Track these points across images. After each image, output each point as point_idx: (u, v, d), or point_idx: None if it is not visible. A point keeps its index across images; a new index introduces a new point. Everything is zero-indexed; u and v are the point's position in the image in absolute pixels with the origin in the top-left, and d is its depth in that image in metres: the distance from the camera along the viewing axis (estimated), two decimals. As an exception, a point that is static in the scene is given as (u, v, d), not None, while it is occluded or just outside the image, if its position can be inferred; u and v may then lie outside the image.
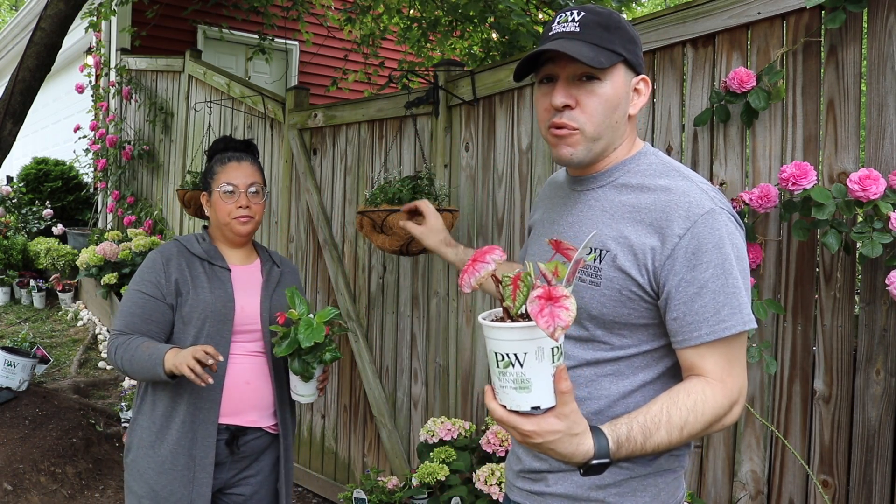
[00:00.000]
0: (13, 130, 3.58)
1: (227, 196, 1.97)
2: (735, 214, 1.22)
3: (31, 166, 7.53)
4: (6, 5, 19.27)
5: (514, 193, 2.81)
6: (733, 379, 1.18)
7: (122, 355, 1.84)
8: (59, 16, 3.57)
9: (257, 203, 2.01)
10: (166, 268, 1.93)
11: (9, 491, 3.22)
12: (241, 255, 2.06)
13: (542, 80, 1.27)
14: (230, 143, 2.09)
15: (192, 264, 1.96)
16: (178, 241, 2.01)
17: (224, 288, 1.95)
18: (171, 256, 1.95)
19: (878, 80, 1.86)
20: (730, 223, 1.18)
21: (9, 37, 9.38)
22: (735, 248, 1.17)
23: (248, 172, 2.01)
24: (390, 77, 4.38)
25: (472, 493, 2.46)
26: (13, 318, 5.74)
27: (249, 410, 1.96)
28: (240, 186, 1.98)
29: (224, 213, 1.98)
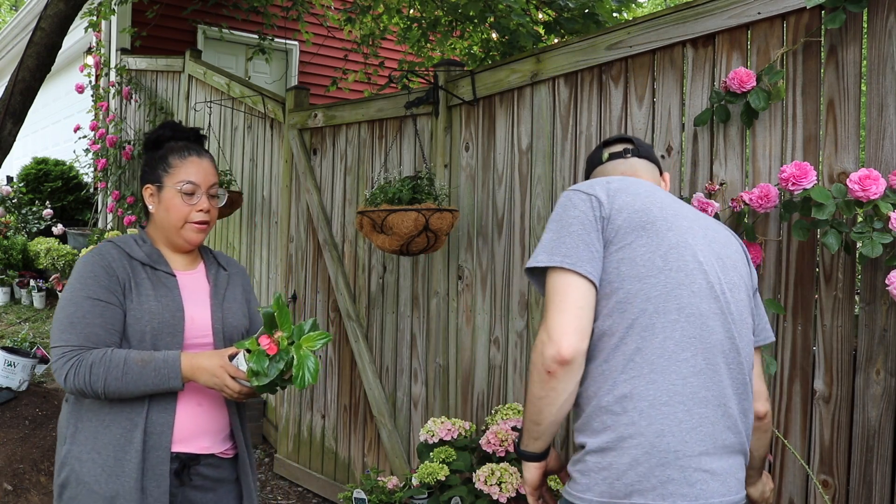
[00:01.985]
0: (13, 130, 3.58)
1: (186, 196, 1.71)
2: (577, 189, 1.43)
3: (31, 166, 7.53)
4: (6, 5, 19.27)
5: (514, 193, 2.81)
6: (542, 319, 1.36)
7: (105, 374, 1.55)
8: (59, 16, 3.57)
9: (215, 207, 1.78)
10: (110, 270, 1.64)
11: (9, 491, 3.22)
12: (186, 260, 1.80)
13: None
14: (179, 130, 1.80)
15: (134, 269, 1.68)
16: (114, 242, 1.72)
17: (171, 296, 1.68)
18: (111, 259, 1.67)
19: (878, 80, 1.86)
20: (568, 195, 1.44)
21: (9, 37, 9.37)
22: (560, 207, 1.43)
23: (211, 171, 1.76)
24: (390, 77, 4.38)
25: (472, 493, 2.46)
26: (13, 318, 5.73)
27: (201, 436, 1.70)
28: (202, 186, 1.73)
29: (179, 215, 1.71)
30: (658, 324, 1.31)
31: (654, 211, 1.38)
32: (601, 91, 2.51)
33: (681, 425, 1.28)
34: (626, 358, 1.31)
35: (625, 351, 1.31)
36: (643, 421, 1.28)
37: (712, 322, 1.34)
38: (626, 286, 1.33)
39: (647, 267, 1.33)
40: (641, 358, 1.30)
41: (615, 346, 1.32)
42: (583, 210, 1.38)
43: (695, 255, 1.37)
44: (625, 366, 1.31)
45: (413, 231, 2.55)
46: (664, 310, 1.31)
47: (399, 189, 2.64)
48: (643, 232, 1.36)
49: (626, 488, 1.26)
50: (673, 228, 1.37)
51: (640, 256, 1.34)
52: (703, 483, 1.28)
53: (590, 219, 1.37)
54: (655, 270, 1.33)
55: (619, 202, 1.38)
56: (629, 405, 1.29)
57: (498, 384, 2.85)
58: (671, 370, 1.30)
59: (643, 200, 1.39)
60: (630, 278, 1.33)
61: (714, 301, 1.35)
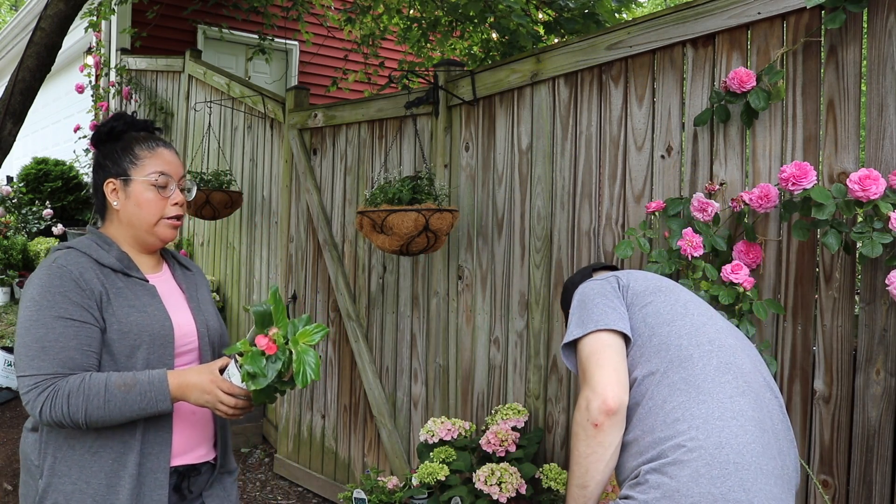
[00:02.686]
0: (13, 130, 3.58)
1: (160, 190, 1.57)
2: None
3: (31, 166, 7.53)
4: (6, 5, 19.27)
5: (514, 193, 2.81)
6: (581, 386, 1.45)
7: (86, 403, 1.39)
8: (59, 16, 3.57)
9: (188, 200, 1.66)
10: (81, 283, 1.46)
11: (9, 491, 3.21)
12: (151, 262, 1.65)
13: None
14: (135, 122, 1.64)
15: (107, 278, 1.51)
16: (77, 249, 1.52)
17: (155, 305, 1.53)
18: (82, 270, 1.48)
19: (878, 80, 1.86)
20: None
21: (9, 37, 9.37)
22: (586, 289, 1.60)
23: (179, 163, 1.63)
24: (390, 77, 4.38)
25: (472, 493, 2.46)
26: (13, 318, 5.73)
27: (198, 445, 1.60)
28: (175, 178, 1.60)
29: (153, 210, 1.56)
30: (696, 354, 1.40)
31: (664, 281, 1.59)
32: (601, 91, 2.51)
33: (737, 439, 1.30)
34: (671, 388, 1.36)
35: (669, 384, 1.37)
36: (701, 434, 1.29)
37: (740, 355, 1.44)
38: (657, 332, 1.45)
39: (671, 314, 1.48)
40: (687, 385, 1.35)
41: (658, 382, 1.38)
42: (600, 289, 1.55)
43: (708, 308, 1.55)
44: (671, 394, 1.35)
45: (413, 231, 2.55)
46: (697, 343, 1.42)
47: (399, 189, 2.64)
48: (659, 293, 1.53)
49: (688, 500, 1.25)
50: (683, 291, 1.57)
51: (663, 308, 1.49)
52: (761, 499, 1.27)
53: (608, 291, 1.54)
54: (679, 315, 1.48)
55: (633, 277, 1.59)
56: (682, 426, 1.31)
57: (498, 384, 2.85)
58: (718, 391, 1.34)
59: (651, 276, 1.62)
60: (659, 325, 1.46)
61: (735, 338, 1.49)
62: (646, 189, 2.36)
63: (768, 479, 1.29)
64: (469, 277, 2.99)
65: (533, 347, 2.71)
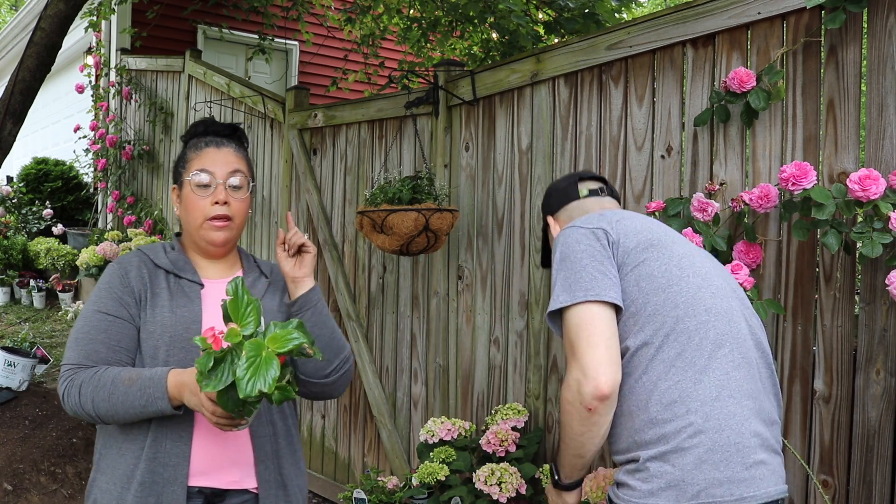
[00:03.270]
0: (13, 130, 3.58)
1: (200, 189, 1.50)
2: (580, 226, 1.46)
3: (31, 166, 7.53)
4: (6, 5, 19.27)
5: (514, 193, 2.81)
6: (568, 358, 1.37)
7: (93, 394, 1.37)
8: (59, 16, 3.57)
9: (239, 200, 1.53)
10: (125, 280, 1.48)
11: (9, 491, 3.22)
12: (221, 269, 1.59)
13: None
14: (212, 126, 1.60)
15: (154, 277, 1.50)
16: (141, 250, 1.57)
17: (189, 307, 1.48)
18: (130, 267, 1.50)
19: (878, 80, 1.86)
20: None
21: (9, 37, 9.37)
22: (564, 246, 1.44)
23: (230, 159, 1.54)
24: (390, 77, 4.38)
25: (472, 493, 2.46)
26: (13, 318, 5.73)
27: (228, 468, 1.45)
28: (217, 175, 1.50)
29: (196, 212, 1.51)
30: (692, 326, 1.34)
31: (655, 230, 1.46)
32: (601, 91, 2.51)
33: (735, 418, 1.30)
34: (666, 365, 1.32)
35: (664, 358, 1.32)
36: (699, 419, 1.28)
37: (736, 318, 1.40)
38: (651, 300, 1.36)
39: (666, 277, 1.38)
40: (682, 361, 1.32)
41: (652, 357, 1.33)
42: (588, 243, 1.41)
43: (703, 262, 1.45)
44: (666, 372, 1.32)
45: (413, 231, 2.55)
46: (693, 312, 1.35)
47: (399, 189, 2.64)
48: (653, 249, 1.41)
49: (694, 488, 1.26)
50: (676, 242, 1.46)
51: (657, 270, 1.39)
52: (762, 476, 1.30)
53: (598, 249, 1.40)
54: (675, 279, 1.38)
55: (623, 228, 1.44)
56: (679, 409, 1.29)
57: (498, 384, 2.85)
58: (714, 367, 1.32)
59: (641, 223, 1.47)
60: (653, 291, 1.37)
61: (734, 299, 1.43)
62: (646, 189, 2.36)
63: (763, 451, 1.32)
64: (469, 277, 2.99)
65: (533, 347, 2.71)
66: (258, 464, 1.47)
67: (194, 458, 1.42)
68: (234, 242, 1.58)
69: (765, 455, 1.32)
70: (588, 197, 1.65)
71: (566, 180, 1.70)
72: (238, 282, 1.24)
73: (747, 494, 1.27)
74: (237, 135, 1.62)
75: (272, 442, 1.49)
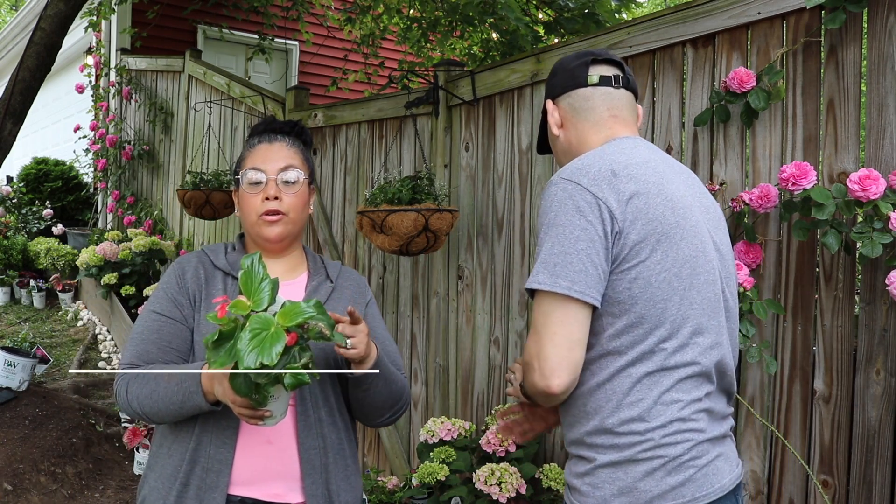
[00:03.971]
0: (13, 130, 3.58)
1: (252, 186, 1.47)
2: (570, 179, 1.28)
3: (31, 166, 7.53)
4: (6, 5, 19.27)
5: (514, 193, 2.81)
6: (530, 335, 1.27)
7: (138, 391, 1.36)
8: (59, 16, 3.57)
9: (292, 194, 1.47)
10: (181, 281, 1.46)
11: (9, 491, 3.22)
12: (283, 269, 1.53)
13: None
14: (272, 124, 1.56)
15: (211, 278, 1.47)
16: (204, 250, 1.54)
17: None
18: (187, 268, 1.48)
19: (878, 80, 1.86)
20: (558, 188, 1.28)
21: (9, 37, 9.37)
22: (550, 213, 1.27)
23: (283, 154, 1.49)
24: (390, 77, 4.38)
25: (472, 493, 2.46)
26: (13, 318, 5.73)
27: (272, 480, 1.40)
28: (268, 172, 1.46)
29: (249, 209, 1.47)
30: (670, 348, 1.26)
31: (668, 216, 1.27)
32: (601, 91, 2.51)
33: (694, 433, 1.25)
34: (633, 380, 1.26)
35: (632, 373, 1.25)
36: (657, 436, 1.24)
37: (720, 338, 1.33)
38: (638, 309, 1.24)
39: (662, 289, 1.24)
40: (651, 381, 1.25)
41: (621, 369, 1.26)
42: (591, 220, 1.23)
43: (709, 262, 1.32)
44: (630, 389, 1.26)
45: (413, 231, 2.55)
46: (677, 335, 1.26)
47: (399, 189, 2.64)
48: (658, 247, 1.25)
49: (646, 496, 1.23)
50: (686, 237, 1.28)
51: (655, 277, 1.24)
52: (717, 471, 1.26)
53: (599, 234, 1.23)
54: (672, 292, 1.25)
55: (633, 211, 1.24)
56: (637, 426, 1.25)
57: (498, 384, 2.85)
58: (682, 388, 1.26)
59: (656, 201, 1.26)
60: (643, 301, 1.24)
61: (724, 313, 1.35)
62: (646, 189, 2.36)
63: (717, 449, 1.29)
64: (469, 277, 2.99)
65: (533, 347, 2.71)
66: (305, 477, 1.41)
67: (237, 466, 1.37)
68: (292, 238, 1.52)
69: (720, 449, 1.29)
70: (598, 86, 1.39)
71: (577, 59, 1.43)
72: (255, 257, 1.18)
73: (701, 493, 1.24)
74: (295, 130, 1.56)
75: (321, 455, 1.43)
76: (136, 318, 4.89)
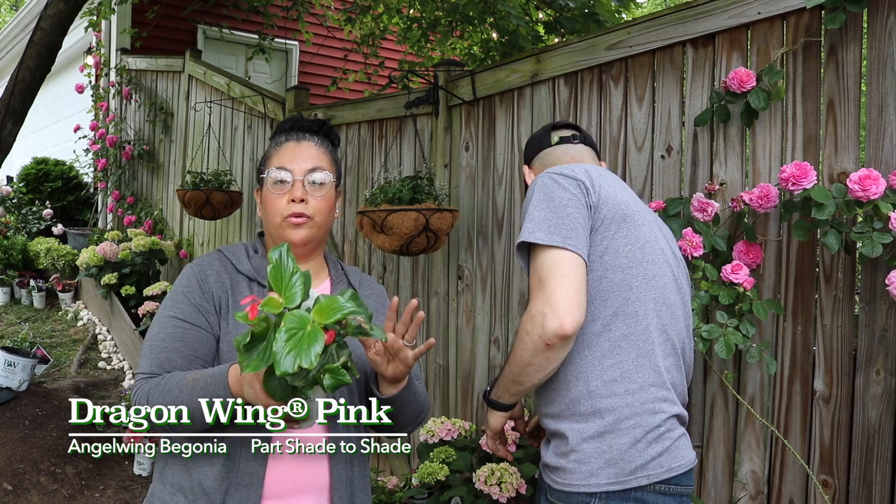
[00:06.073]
0: (13, 130, 3.58)
1: (277, 186, 1.39)
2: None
3: (31, 166, 7.53)
4: (6, 5, 19.27)
5: (514, 193, 2.81)
6: (534, 292, 1.38)
7: (160, 401, 1.25)
8: (59, 16, 3.57)
9: (319, 198, 1.39)
10: (204, 286, 1.37)
11: (9, 491, 3.22)
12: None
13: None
14: (298, 122, 1.48)
15: (236, 284, 1.39)
16: (222, 251, 1.45)
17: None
18: (209, 272, 1.39)
19: (878, 80, 1.86)
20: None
21: (9, 37, 9.37)
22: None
23: (311, 154, 1.42)
24: (390, 77, 4.39)
25: (473, 493, 2.46)
26: (13, 318, 5.73)
27: (301, 494, 1.34)
28: (295, 172, 1.39)
29: (273, 210, 1.39)
30: (640, 311, 1.40)
31: (631, 204, 1.47)
32: (601, 91, 2.51)
33: (665, 403, 1.40)
34: (612, 343, 1.39)
35: (610, 337, 1.39)
36: (637, 402, 1.37)
37: (677, 311, 1.49)
38: (609, 275, 1.40)
39: (628, 258, 1.41)
40: (628, 343, 1.39)
41: (599, 333, 1.39)
42: (575, 193, 1.41)
43: (662, 250, 1.49)
44: (611, 350, 1.39)
45: (413, 231, 2.55)
46: (644, 299, 1.41)
47: (399, 189, 2.64)
48: (623, 224, 1.43)
49: (631, 465, 1.35)
50: (645, 223, 1.48)
51: (623, 248, 1.41)
52: (686, 447, 1.43)
53: (583, 203, 1.41)
54: (636, 262, 1.42)
55: (604, 192, 1.43)
56: (619, 388, 1.37)
57: (498, 384, 2.85)
58: (654, 353, 1.41)
59: (619, 192, 1.47)
60: (613, 268, 1.40)
61: (678, 293, 1.51)
62: (646, 189, 2.36)
63: (682, 427, 1.45)
64: (469, 277, 2.99)
65: (533, 347, 2.71)
66: (333, 492, 1.35)
67: (269, 479, 1.30)
68: (317, 243, 1.45)
69: (683, 429, 1.45)
70: (559, 144, 1.66)
71: (541, 129, 1.73)
72: (284, 248, 1.07)
73: (675, 464, 1.38)
74: (324, 130, 1.49)
75: (348, 469, 1.38)
76: (136, 319, 4.91)
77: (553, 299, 1.32)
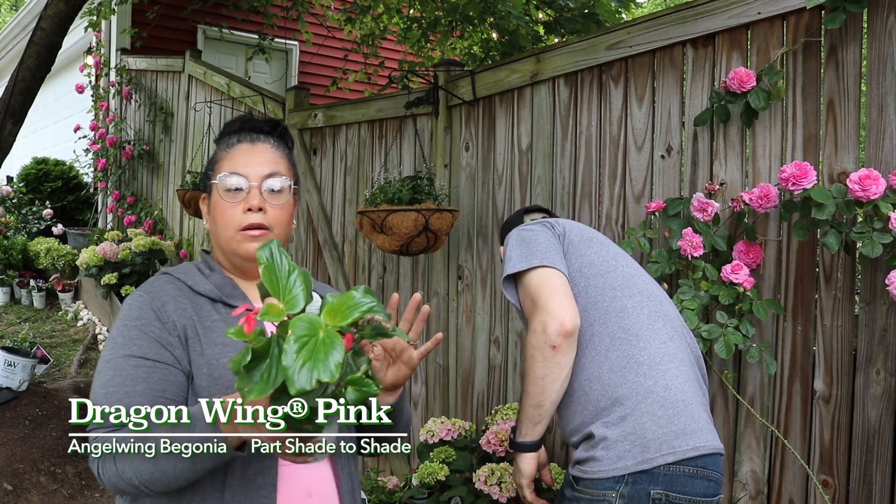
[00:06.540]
0: (13, 130, 3.58)
1: (230, 194, 1.21)
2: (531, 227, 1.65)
3: (31, 166, 7.53)
4: (6, 5, 19.27)
5: (514, 193, 2.81)
6: (530, 312, 1.51)
7: (132, 458, 1.02)
8: (59, 16, 3.57)
9: (278, 206, 1.22)
10: (162, 314, 1.15)
11: (9, 491, 3.22)
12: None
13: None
14: (248, 122, 1.31)
15: (199, 308, 1.18)
16: (170, 273, 1.24)
17: None
18: (165, 298, 1.17)
19: (878, 80, 1.86)
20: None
21: (9, 37, 9.37)
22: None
23: (267, 158, 1.24)
24: (390, 77, 4.39)
25: (472, 493, 2.46)
26: (13, 318, 5.73)
27: (314, 497, 1.17)
28: (250, 178, 1.21)
29: (225, 222, 1.22)
30: (629, 305, 1.51)
31: (593, 233, 1.68)
32: (601, 91, 2.51)
33: (678, 379, 1.45)
34: (612, 338, 1.47)
35: (608, 332, 1.48)
36: (648, 381, 1.43)
37: (665, 302, 1.59)
38: (592, 283, 1.54)
39: (604, 265, 1.57)
40: (625, 333, 1.47)
41: (597, 333, 1.49)
42: (542, 230, 1.61)
43: (632, 261, 1.66)
44: (613, 343, 1.47)
45: (413, 231, 2.55)
46: (629, 294, 1.53)
47: (399, 189, 2.64)
48: (592, 244, 1.61)
49: (655, 443, 1.38)
50: (610, 245, 1.66)
51: (597, 259, 1.58)
52: (708, 429, 1.45)
53: (551, 234, 1.60)
54: (611, 268, 1.57)
55: (567, 225, 1.65)
56: (629, 373, 1.44)
57: (498, 384, 2.85)
58: (653, 337, 1.48)
59: (582, 227, 1.69)
60: (593, 276, 1.55)
61: (659, 288, 1.63)
62: (646, 189, 2.36)
63: (702, 410, 1.48)
64: (469, 277, 2.99)
65: (533, 347, 2.71)
66: (342, 492, 1.20)
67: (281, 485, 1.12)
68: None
69: (705, 413, 1.48)
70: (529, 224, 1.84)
71: (516, 213, 1.97)
72: (274, 244, 0.88)
73: (700, 444, 1.40)
74: (278, 131, 1.32)
75: (349, 480, 1.23)
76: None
77: (547, 307, 1.44)
